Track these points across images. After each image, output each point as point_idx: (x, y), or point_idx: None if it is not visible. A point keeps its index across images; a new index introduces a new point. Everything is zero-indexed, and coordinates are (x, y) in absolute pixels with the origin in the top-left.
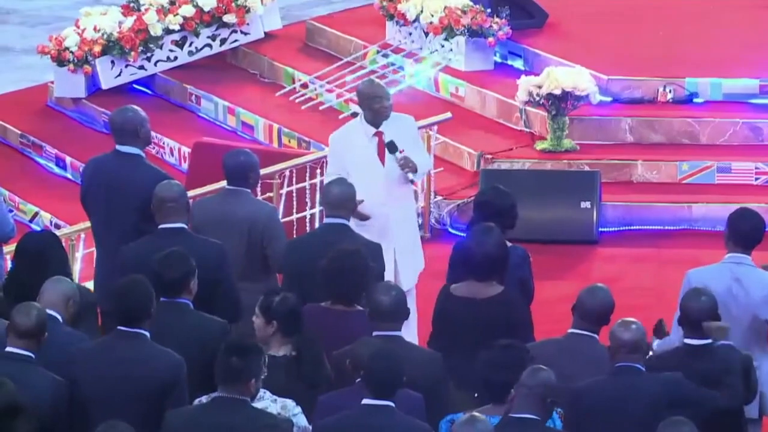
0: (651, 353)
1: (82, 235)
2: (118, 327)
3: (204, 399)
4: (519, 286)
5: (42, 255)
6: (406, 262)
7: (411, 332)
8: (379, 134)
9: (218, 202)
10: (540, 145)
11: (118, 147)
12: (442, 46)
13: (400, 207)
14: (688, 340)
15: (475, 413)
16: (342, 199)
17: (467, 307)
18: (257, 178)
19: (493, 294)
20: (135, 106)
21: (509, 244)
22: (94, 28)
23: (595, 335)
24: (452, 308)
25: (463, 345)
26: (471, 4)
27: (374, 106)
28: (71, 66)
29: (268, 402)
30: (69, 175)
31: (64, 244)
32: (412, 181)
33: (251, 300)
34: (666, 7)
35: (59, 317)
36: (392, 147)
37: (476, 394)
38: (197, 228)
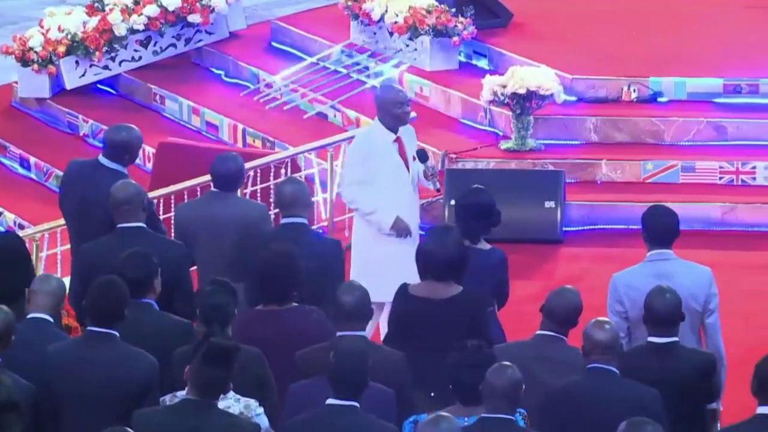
0: None
1: (46, 236)
2: (89, 328)
3: (167, 399)
4: (496, 288)
5: (4, 255)
6: None
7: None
8: (398, 140)
9: (206, 205)
10: (504, 145)
11: (101, 159)
12: (407, 46)
13: (416, 215)
14: (652, 339)
15: (442, 413)
16: (296, 198)
17: (426, 308)
18: (243, 181)
19: (452, 294)
20: (132, 127)
21: (488, 246)
22: (59, 28)
23: (563, 337)
24: (411, 308)
25: (420, 345)
26: (436, 3)
27: (396, 112)
28: (35, 66)
29: (231, 401)
30: (33, 176)
31: (28, 244)
32: (438, 189)
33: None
34: (630, 6)
35: (50, 319)
36: (423, 156)
37: (432, 394)
38: (184, 231)
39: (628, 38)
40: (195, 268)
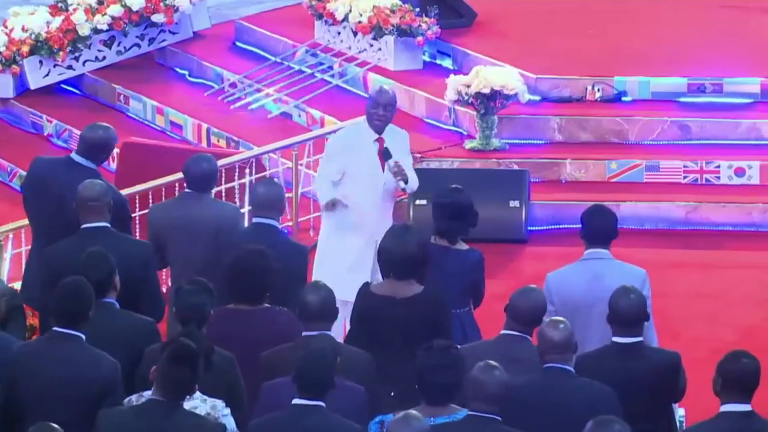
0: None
1: (11, 236)
2: (54, 328)
3: (134, 398)
4: (470, 289)
5: None
6: None
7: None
8: (380, 140)
9: (180, 206)
10: (469, 144)
11: (74, 156)
12: (371, 46)
13: (386, 219)
14: (617, 339)
15: (411, 411)
16: (270, 199)
17: (387, 306)
18: (216, 182)
19: (413, 293)
20: (109, 126)
21: (466, 246)
22: (22, 28)
23: (528, 336)
24: (372, 307)
25: (381, 344)
26: (400, 3)
27: (369, 111)
28: None
29: (197, 402)
30: None
31: None
32: (403, 190)
33: None
34: (594, 5)
35: None
36: (387, 154)
37: (392, 393)
38: (158, 232)
39: (593, 38)
40: (167, 268)
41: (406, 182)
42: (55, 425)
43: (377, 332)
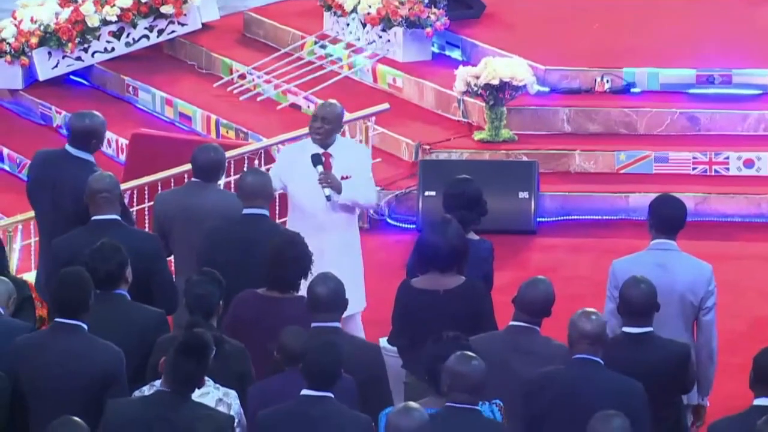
0: None
1: (20, 227)
2: (56, 319)
3: (146, 389)
4: (483, 279)
5: None
6: None
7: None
8: (325, 155)
9: (185, 194)
10: (478, 136)
11: (68, 148)
12: (380, 37)
13: (340, 233)
14: (627, 329)
15: (410, 402)
16: (256, 188)
17: (430, 299)
18: (223, 173)
19: (456, 285)
20: (95, 113)
21: (477, 237)
22: (31, 20)
23: (536, 327)
24: (415, 301)
25: (427, 337)
26: None
27: (309, 124)
28: (8, 57)
29: (210, 388)
30: (6, 167)
31: (1, 235)
32: (328, 197)
33: None
34: None
35: (1, 310)
36: (315, 160)
37: None
38: (163, 220)
39: (602, 29)
40: (171, 258)
41: (338, 192)
42: (78, 419)
43: (422, 326)
